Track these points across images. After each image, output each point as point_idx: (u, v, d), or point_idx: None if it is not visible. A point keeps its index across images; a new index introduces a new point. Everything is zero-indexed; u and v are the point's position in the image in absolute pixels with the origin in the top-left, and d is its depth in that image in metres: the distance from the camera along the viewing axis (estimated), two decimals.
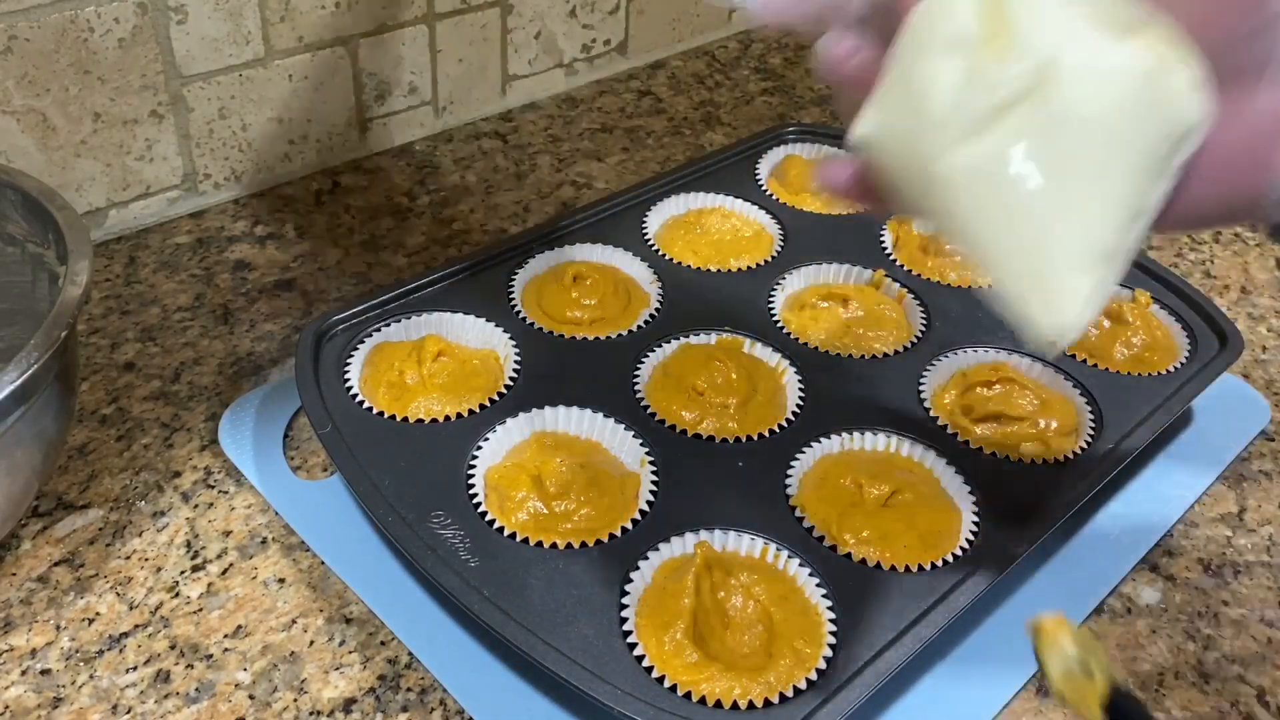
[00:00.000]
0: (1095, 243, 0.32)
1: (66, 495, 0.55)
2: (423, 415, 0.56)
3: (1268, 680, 0.48)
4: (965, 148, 0.32)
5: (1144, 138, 0.31)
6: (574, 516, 0.50)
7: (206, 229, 0.76)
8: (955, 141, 0.32)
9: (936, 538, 0.51)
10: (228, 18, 0.73)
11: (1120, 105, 0.31)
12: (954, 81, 0.31)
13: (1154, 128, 0.31)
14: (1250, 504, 0.58)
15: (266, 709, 0.46)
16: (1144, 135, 0.31)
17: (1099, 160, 0.31)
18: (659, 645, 0.45)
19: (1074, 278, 0.32)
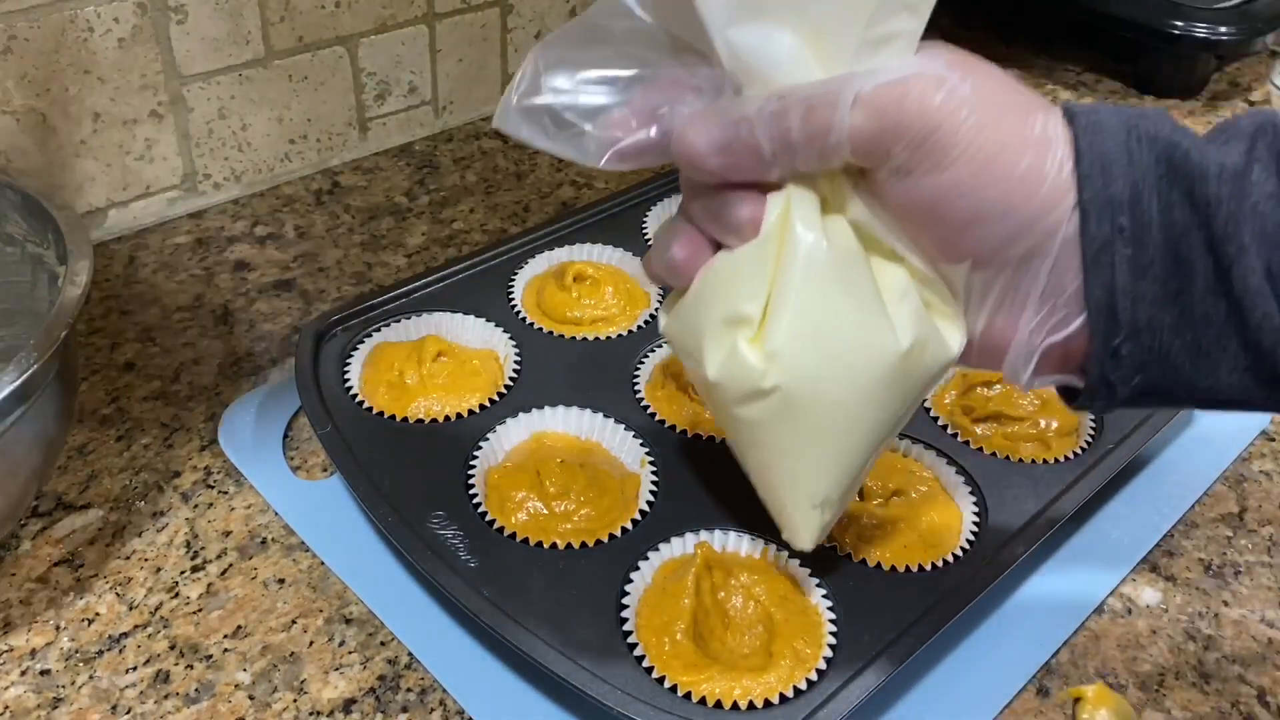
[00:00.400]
0: (827, 492, 0.40)
1: (66, 495, 0.55)
2: (422, 415, 0.56)
3: (1268, 680, 0.48)
4: (723, 409, 0.39)
5: (890, 405, 0.38)
6: (574, 517, 0.50)
7: (206, 229, 0.76)
8: (718, 403, 0.39)
9: (937, 538, 0.51)
10: (227, 17, 0.73)
11: (868, 388, 0.37)
12: (722, 359, 0.37)
13: (903, 393, 0.38)
14: (1251, 504, 0.58)
15: (266, 709, 0.45)
16: (890, 403, 0.38)
17: (839, 433, 0.38)
18: (659, 645, 0.45)
19: (805, 517, 0.41)
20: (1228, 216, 0.32)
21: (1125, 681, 0.48)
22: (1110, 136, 0.33)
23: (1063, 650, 0.49)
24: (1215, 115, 0.97)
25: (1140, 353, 0.34)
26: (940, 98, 0.32)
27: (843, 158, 0.34)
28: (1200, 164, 0.32)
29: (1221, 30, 0.94)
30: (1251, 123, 0.34)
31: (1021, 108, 0.34)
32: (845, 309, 0.36)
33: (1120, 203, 0.33)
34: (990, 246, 0.35)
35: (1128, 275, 0.33)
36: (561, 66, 0.37)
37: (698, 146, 0.35)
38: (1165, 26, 0.95)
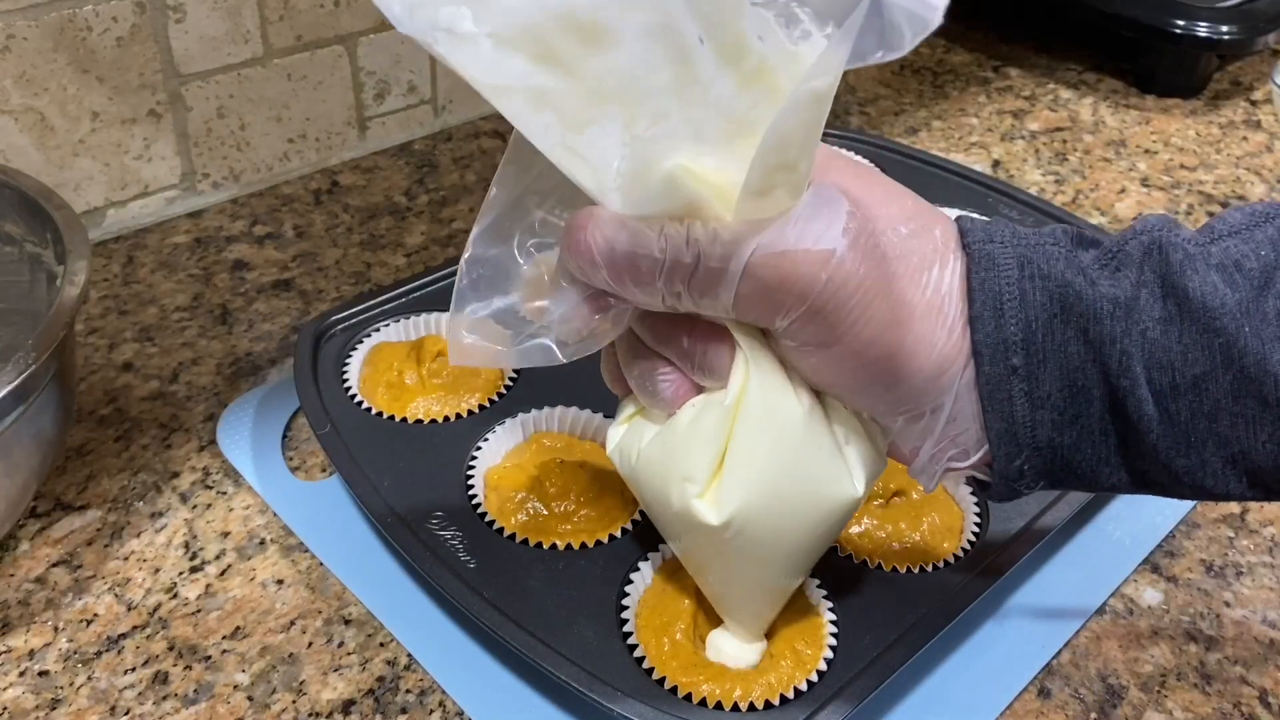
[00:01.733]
0: (765, 605, 0.43)
1: (64, 496, 0.55)
2: (422, 416, 0.56)
3: (1270, 681, 0.48)
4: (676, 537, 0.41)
5: (835, 534, 0.40)
6: (573, 518, 0.50)
7: (205, 228, 0.76)
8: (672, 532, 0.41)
9: (937, 539, 0.50)
10: (226, 16, 0.73)
11: (823, 531, 0.39)
12: (677, 507, 0.38)
13: (824, 534, 0.39)
14: (1252, 505, 0.57)
15: (265, 710, 0.45)
16: (836, 533, 0.40)
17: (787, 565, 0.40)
18: (659, 646, 0.45)
19: (747, 622, 0.44)
20: (1121, 352, 0.33)
21: (1126, 682, 0.48)
22: (1003, 273, 0.34)
23: (1064, 651, 0.49)
24: (1217, 115, 0.97)
25: (1041, 466, 0.35)
26: (826, 276, 0.32)
27: (730, 319, 0.35)
28: (1092, 302, 0.33)
29: (1223, 29, 0.94)
30: (1140, 244, 0.34)
31: (914, 264, 0.34)
32: (808, 462, 0.37)
33: (1014, 343, 0.33)
34: (882, 409, 0.36)
35: (1025, 407, 0.34)
36: (489, 273, 0.37)
37: (595, 249, 0.33)
38: (1167, 25, 0.95)
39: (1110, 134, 0.93)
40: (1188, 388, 0.33)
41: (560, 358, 0.37)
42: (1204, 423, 0.33)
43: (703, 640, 0.45)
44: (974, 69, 1.03)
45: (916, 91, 0.99)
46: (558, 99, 0.32)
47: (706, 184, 0.32)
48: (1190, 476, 0.34)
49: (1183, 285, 0.33)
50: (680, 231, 0.32)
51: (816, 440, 0.37)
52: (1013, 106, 0.97)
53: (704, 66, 0.32)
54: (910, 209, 0.35)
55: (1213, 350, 0.32)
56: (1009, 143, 0.92)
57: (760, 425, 0.36)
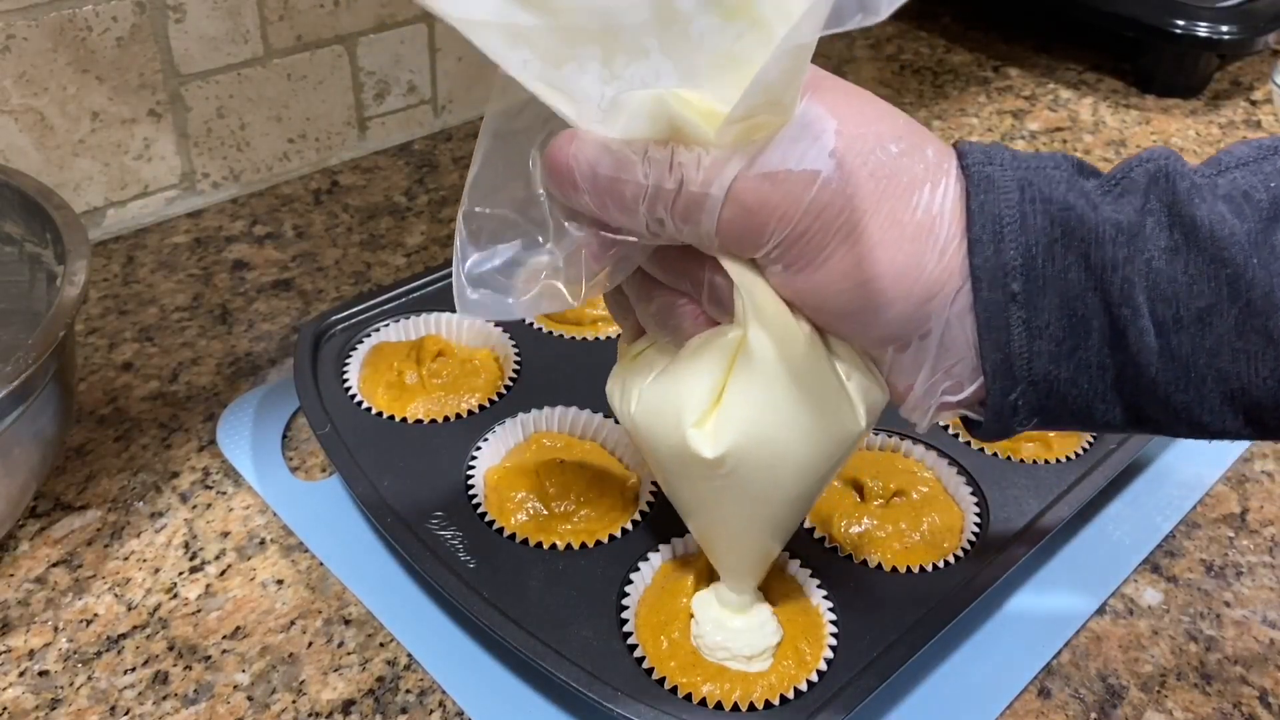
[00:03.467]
0: (767, 546, 0.42)
1: (64, 496, 0.55)
2: (422, 416, 0.56)
3: (1270, 682, 0.48)
4: (673, 478, 0.40)
5: (836, 470, 0.39)
6: (573, 518, 0.50)
7: (205, 228, 0.76)
8: (670, 472, 0.40)
9: (938, 538, 0.50)
10: (226, 16, 0.73)
11: (826, 466, 0.38)
12: (674, 441, 0.37)
13: (823, 471, 0.38)
14: (1252, 505, 0.57)
15: (265, 710, 0.45)
16: (836, 470, 0.39)
17: (787, 502, 0.39)
18: (659, 646, 0.45)
19: (742, 569, 0.44)
20: (1123, 280, 0.32)
21: (1126, 682, 0.48)
22: (1003, 195, 0.33)
23: (1064, 651, 0.49)
24: (1217, 115, 0.97)
25: (1036, 401, 0.34)
26: (810, 198, 0.31)
27: (714, 246, 0.34)
28: (1095, 226, 0.32)
29: (1223, 29, 0.94)
30: (1145, 172, 0.33)
31: (904, 183, 0.33)
32: (809, 395, 0.36)
33: (1013, 268, 0.32)
34: (872, 337, 0.35)
35: (1023, 337, 0.33)
36: (489, 225, 0.36)
37: (575, 169, 0.33)
38: (1167, 25, 0.95)
39: (1110, 134, 0.93)
40: (1191, 320, 0.32)
41: (570, 300, 0.35)
42: (1205, 357, 0.32)
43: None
44: (974, 69, 1.03)
45: (916, 91, 0.99)
46: (534, 36, 0.31)
47: (693, 108, 0.31)
48: (1188, 412, 0.33)
49: (1190, 214, 0.32)
50: (664, 155, 0.32)
51: (817, 373, 0.36)
52: (1013, 106, 0.97)
53: (684, 2, 0.31)
54: (901, 127, 0.33)
55: (1219, 282, 0.31)
56: (1009, 142, 0.92)
57: (760, 357, 0.35)
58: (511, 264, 0.36)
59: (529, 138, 0.35)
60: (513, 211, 0.36)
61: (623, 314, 0.40)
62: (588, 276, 0.35)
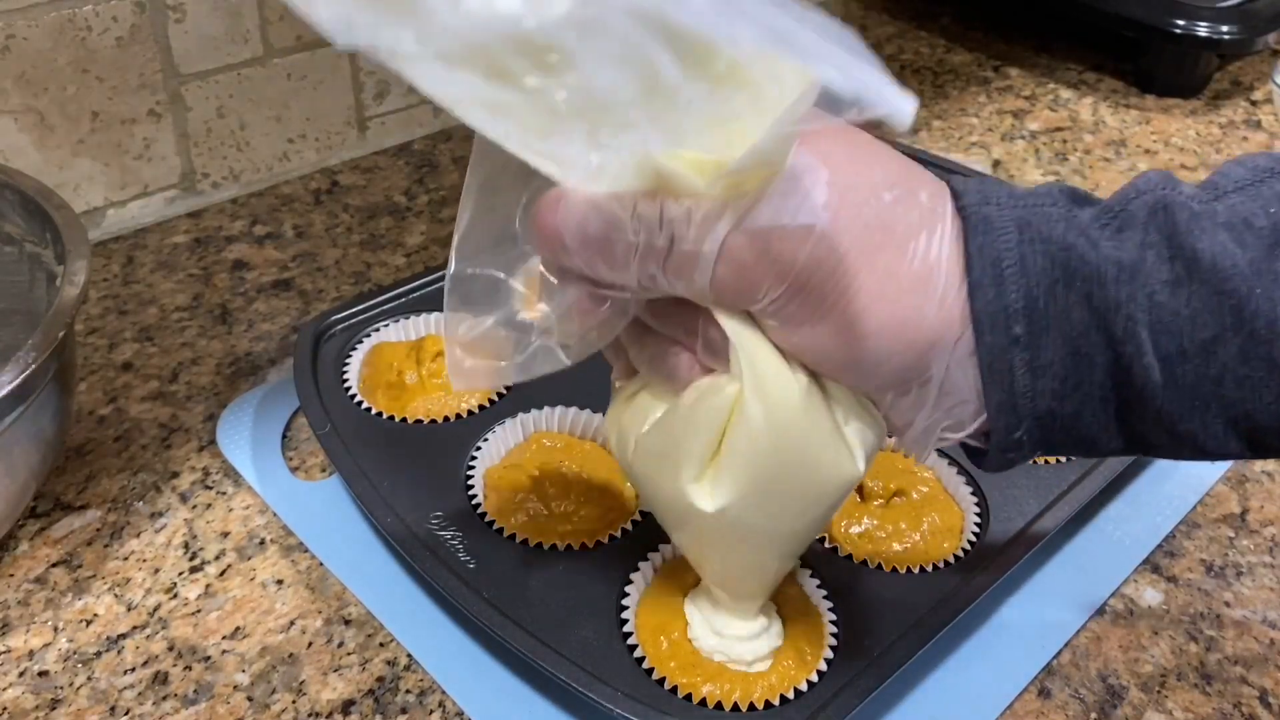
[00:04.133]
0: (765, 581, 0.43)
1: (64, 496, 0.55)
2: (422, 416, 0.56)
3: (1270, 682, 0.48)
4: (673, 522, 0.40)
5: (835, 511, 0.39)
6: (574, 518, 0.50)
7: (204, 228, 0.76)
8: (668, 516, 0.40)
9: (938, 538, 0.50)
10: (226, 16, 0.73)
11: (824, 509, 0.38)
12: (673, 494, 0.38)
13: (823, 514, 0.39)
14: (1253, 505, 0.57)
15: (265, 711, 0.45)
16: (835, 510, 0.39)
17: (786, 543, 0.40)
18: (659, 646, 0.45)
19: (743, 602, 0.44)
20: (1126, 317, 0.32)
21: (1126, 682, 0.48)
22: (1001, 237, 0.32)
23: (1064, 651, 0.49)
24: (1217, 115, 0.97)
25: (1040, 434, 0.34)
26: (805, 254, 0.31)
27: (708, 301, 0.33)
28: (1096, 266, 0.32)
29: (1223, 29, 0.94)
30: (1144, 204, 0.33)
31: (900, 234, 0.32)
32: (808, 446, 0.36)
33: (1015, 311, 0.32)
34: (871, 385, 0.35)
35: (1026, 378, 0.33)
36: (477, 287, 0.35)
37: (563, 233, 0.32)
38: (1167, 25, 0.95)
39: (1110, 134, 0.93)
40: (1195, 351, 0.32)
41: (565, 360, 0.35)
42: (1209, 386, 0.32)
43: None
44: (974, 69, 1.03)
45: (916, 91, 0.99)
46: (516, 112, 0.30)
47: (680, 159, 0.31)
48: (1192, 439, 0.33)
49: (1192, 246, 0.32)
50: (653, 210, 0.31)
51: (815, 421, 0.35)
52: (1013, 106, 0.97)
53: (670, 77, 0.30)
54: (895, 173, 0.33)
55: (1223, 313, 0.31)
56: (1009, 142, 0.92)
57: (756, 412, 0.35)
58: (504, 325, 0.35)
59: (514, 194, 0.34)
60: (502, 272, 0.35)
61: (615, 355, 0.39)
62: (582, 334, 0.35)
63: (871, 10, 1.13)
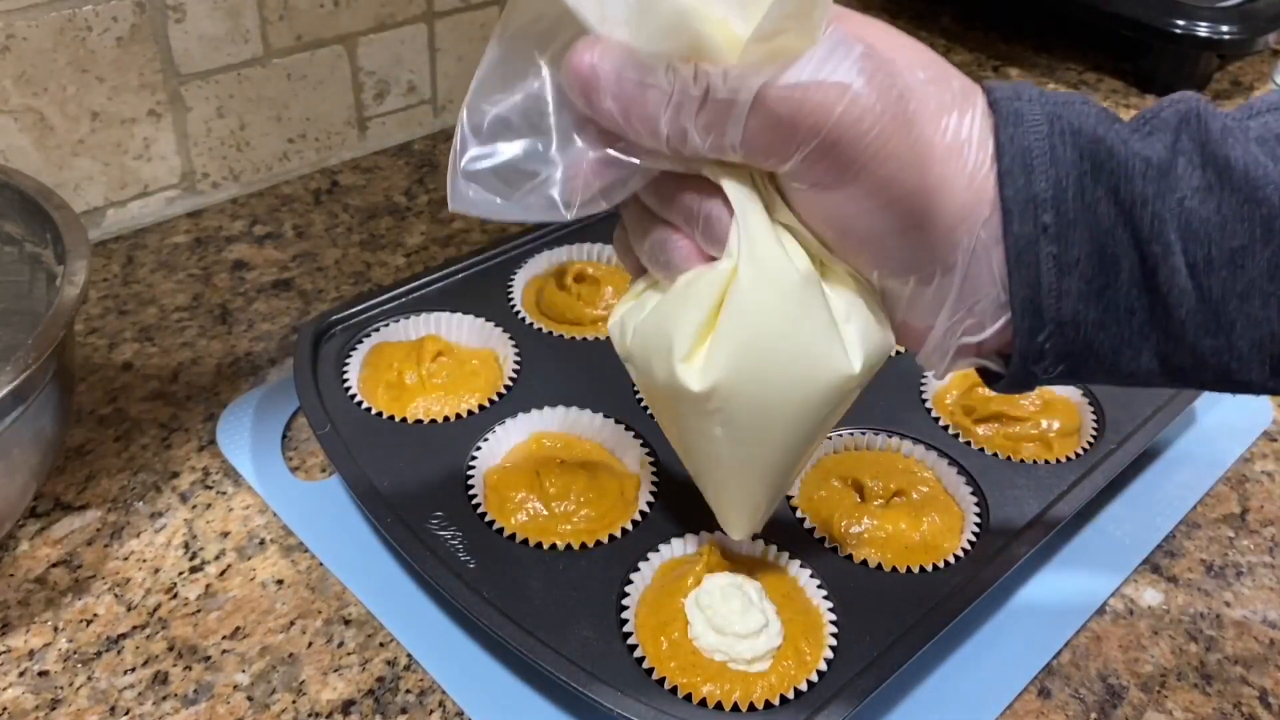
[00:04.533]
0: (762, 492, 0.42)
1: (64, 496, 0.55)
2: (422, 416, 0.56)
3: (1270, 682, 0.48)
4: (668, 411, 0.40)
5: (832, 417, 0.38)
6: (574, 518, 0.50)
7: (205, 228, 0.76)
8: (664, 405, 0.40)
9: (938, 539, 0.50)
10: (226, 16, 0.73)
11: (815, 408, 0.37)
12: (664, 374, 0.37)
13: (844, 405, 0.38)
14: (1253, 505, 0.57)
15: (265, 710, 0.45)
16: (832, 416, 0.38)
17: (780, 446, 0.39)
18: (659, 646, 0.45)
19: (739, 513, 0.43)
20: (1154, 215, 0.31)
21: (1127, 682, 0.48)
22: (1032, 129, 0.32)
23: (1064, 651, 0.49)
24: None
25: (1063, 345, 0.34)
26: (840, 109, 0.31)
27: (738, 159, 0.33)
28: (1125, 160, 0.32)
29: (1223, 29, 0.94)
30: (1175, 112, 0.33)
31: (933, 108, 0.32)
32: (799, 334, 0.35)
33: (1043, 200, 0.32)
34: (897, 262, 0.34)
35: (1053, 274, 0.32)
36: (492, 123, 0.35)
37: (600, 74, 0.32)
38: (1167, 25, 0.95)
39: None
40: (1223, 262, 0.31)
41: (564, 212, 0.35)
42: (1236, 301, 0.32)
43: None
44: (974, 69, 1.03)
45: None
46: None
47: (715, 27, 0.31)
48: (1216, 359, 0.33)
49: (1224, 154, 0.31)
50: (687, 67, 0.31)
51: (810, 311, 0.35)
52: None
53: None
54: (929, 59, 0.33)
55: (1253, 222, 0.31)
56: None
57: (751, 291, 0.35)
58: (509, 166, 0.35)
59: (540, 45, 0.34)
60: (517, 116, 0.35)
61: (625, 251, 0.39)
62: (585, 191, 0.34)
63: (871, 10, 1.13)
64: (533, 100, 0.34)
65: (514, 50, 0.35)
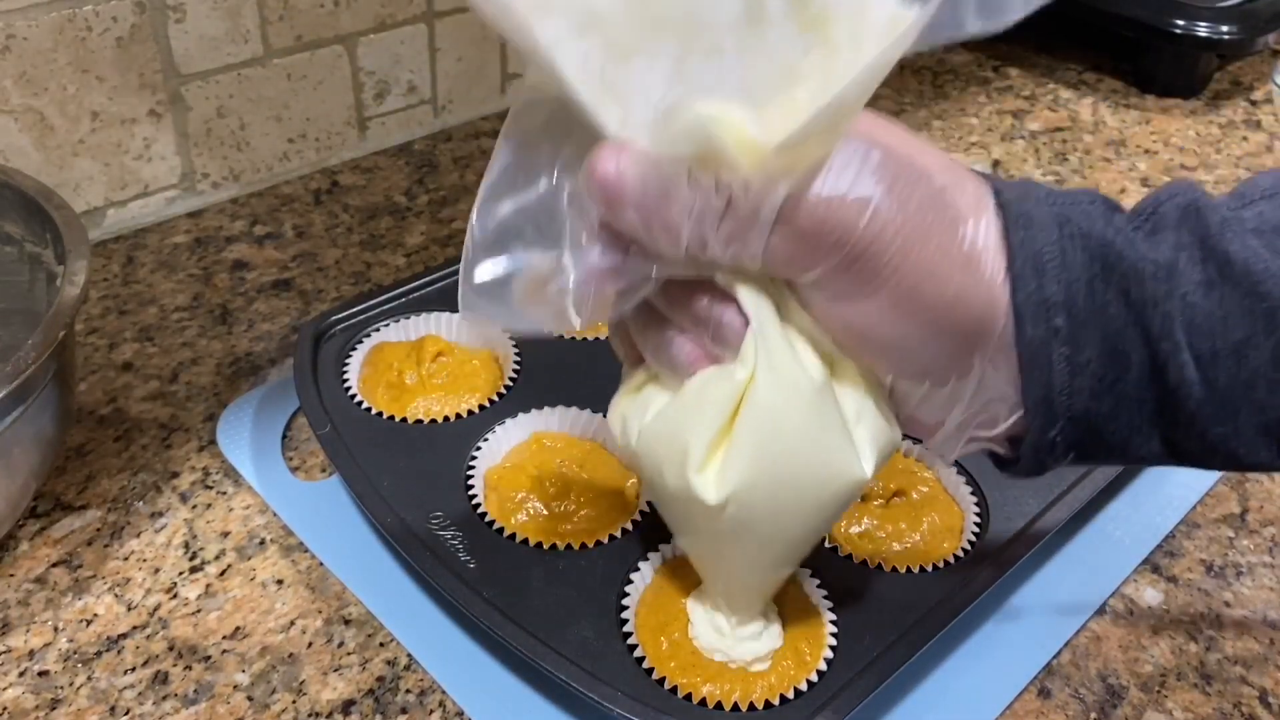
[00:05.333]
0: (763, 583, 0.43)
1: (64, 496, 0.55)
2: (422, 416, 0.56)
3: (1270, 682, 0.48)
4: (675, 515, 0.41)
5: (839, 515, 0.39)
6: (574, 518, 0.50)
7: (205, 228, 0.76)
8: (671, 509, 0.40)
9: (938, 539, 0.50)
10: (226, 16, 0.73)
11: (826, 511, 0.38)
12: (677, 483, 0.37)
13: (828, 516, 0.38)
14: (1252, 505, 0.57)
15: (265, 710, 0.45)
16: (839, 514, 0.39)
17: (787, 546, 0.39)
18: (659, 646, 0.45)
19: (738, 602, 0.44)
20: (1163, 315, 0.32)
21: (1126, 682, 0.48)
22: (1041, 233, 0.33)
23: (1064, 651, 0.49)
24: (1217, 115, 0.97)
25: (1074, 437, 0.34)
26: (863, 223, 0.31)
27: (757, 269, 0.33)
28: (1134, 264, 0.32)
29: (1223, 29, 0.94)
30: (1175, 206, 0.34)
31: (950, 217, 0.32)
32: (815, 442, 0.35)
33: (1055, 303, 0.32)
34: (916, 369, 0.35)
35: (1066, 373, 0.33)
36: (501, 230, 0.35)
37: (625, 181, 0.31)
38: (1167, 25, 0.95)
39: (1110, 134, 0.93)
40: (1228, 354, 0.32)
41: (574, 322, 0.34)
42: (1241, 390, 0.32)
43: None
44: (974, 69, 1.03)
45: (916, 91, 0.99)
46: (608, 24, 0.30)
47: (732, 134, 0.31)
48: (1224, 444, 0.33)
49: (1223, 249, 0.32)
50: (709, 177, 0.31)
51: (825, 419, 0.35)
52: (1013, 106, 0.97)
53: (774, 5, 0.30)
54: (942, 162, 0.33)
55: (1255, 316, 0.32)
56: (1009, 143, 0.92)
57: (768, 400, 0.35)
58: (520, 275, 0.35)
59: (552, 148, 0.34)
60: (527, 222, 0.35)
61: (623, 341, 0.39)
62: (596, 299, 0.34)
63: None
64: (544, 205, 0.34)
65: (524, 153, 0.34)
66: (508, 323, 0.35)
